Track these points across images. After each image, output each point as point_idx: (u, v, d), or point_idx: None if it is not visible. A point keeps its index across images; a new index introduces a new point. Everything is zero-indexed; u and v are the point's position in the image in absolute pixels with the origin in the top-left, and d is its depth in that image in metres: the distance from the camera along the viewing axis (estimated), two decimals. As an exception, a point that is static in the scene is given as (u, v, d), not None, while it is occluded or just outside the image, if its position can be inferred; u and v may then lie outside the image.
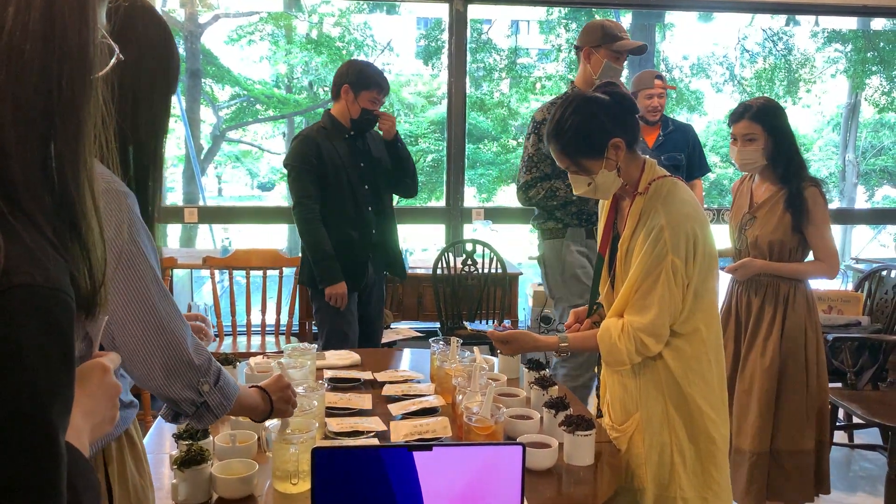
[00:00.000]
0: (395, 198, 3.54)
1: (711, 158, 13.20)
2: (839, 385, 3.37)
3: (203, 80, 10.84)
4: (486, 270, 4.17)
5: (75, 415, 0.76)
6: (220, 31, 11.15)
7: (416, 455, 1.29)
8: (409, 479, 1.29)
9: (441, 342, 2.37)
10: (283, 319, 4.11)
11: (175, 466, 1.60)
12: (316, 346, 2.37)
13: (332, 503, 1.28)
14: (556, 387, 2.21)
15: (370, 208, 3.33)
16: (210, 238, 9.13)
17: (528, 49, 14.04)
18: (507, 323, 3.96)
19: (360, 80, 3.23)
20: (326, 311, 3.33)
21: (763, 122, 2.67)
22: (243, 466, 1.68)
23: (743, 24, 11.88)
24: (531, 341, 2.04)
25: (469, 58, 12.30)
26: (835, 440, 3.30)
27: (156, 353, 1.19)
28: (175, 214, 4.76)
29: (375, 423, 2.02)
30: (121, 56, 0.86)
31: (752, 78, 12.18)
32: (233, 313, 3.97)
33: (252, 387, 1.52)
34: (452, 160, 4.63)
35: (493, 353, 2.58)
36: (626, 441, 1.94)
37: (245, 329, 3.99)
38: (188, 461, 1.60)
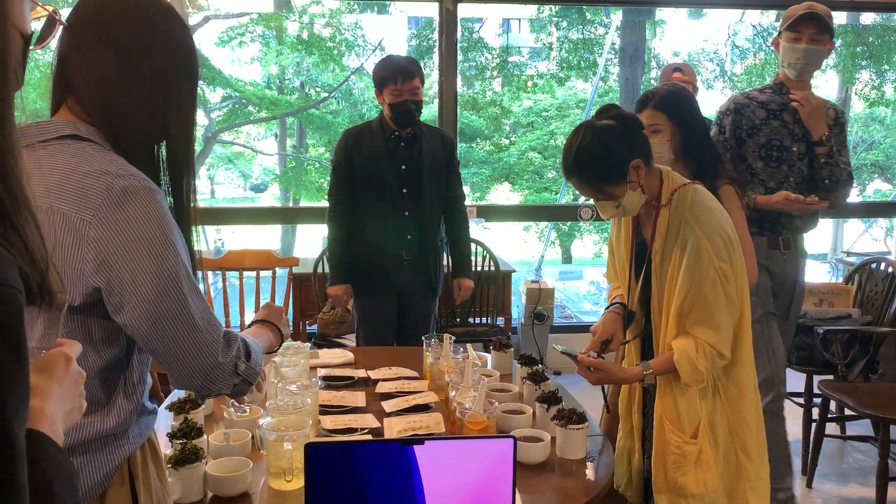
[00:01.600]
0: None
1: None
2: (830, 377, 3.39)
3: (195, 82, 10.82)
4: (478, 268, 4.17)
5: (49, 405, 0.78)
6: (210, 33, 11.13)
7: (409, 449, 1.30)
8: (401, 474, 1.30)
9: (434, 339, 2.38)
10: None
11: (169, 465, 1.60)
12: (309, 345, 2.38)
13: (326, 499, 1.29)
14: (549, 381, 2.22)
15: (407, 213, 3.21)
16: (203, 239, 9.13)
17: (519, 47, 14.06)
18: (595, 353, 3.90)
19: (378, 79, 3.14)
20: (361, 313, 3.35)
21: (668, 111, 2.35)
22: (237, 464, 1.69)
23: (733, 20, 11.93)
24: (618, 373, 2.01)
25: (461, 57, 12.35)
26: (827, 432, 3.33)
27: (193, 354, 1.18)
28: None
29: (369, 420, 2.03)
30: (63, 22, 0.86)
31: (743, 74, 12.23)
32: (226, 314, 3.97)
33: (255, 325, 1.56)
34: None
35: (486, 350, 2.59)
36: (697, 451, 1.93)
37: (239, 329, 3.99)
38: (182, 460, 1.61)
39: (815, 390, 3.36)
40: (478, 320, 4.23)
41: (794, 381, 3.71)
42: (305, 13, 11.34)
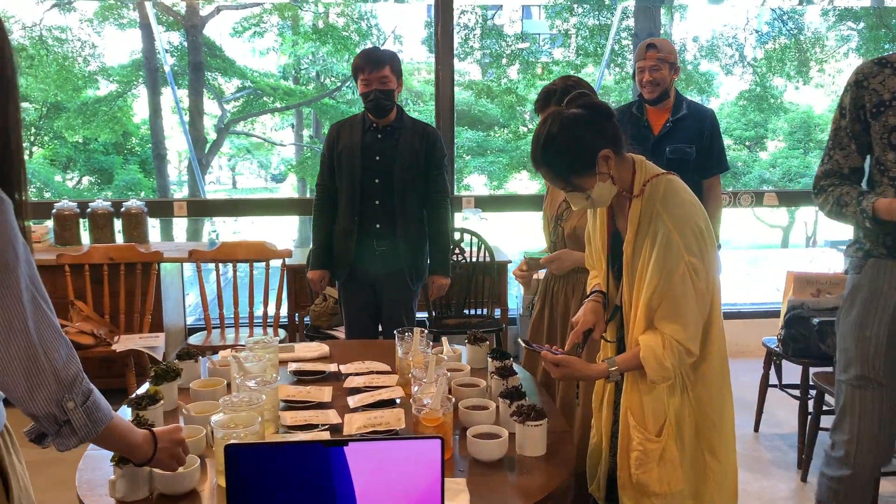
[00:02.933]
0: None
1: (725, 141, 13.06)
2: (829, 369, 3.30)
3: (209, 73, 10.87)
4: (473, 259, 4.13)
5: None
6: (223, 23, 11.17)
7: (337, 451, 1.27)
8: (329, 475, 1.27)
9: (407, 333, 2.34)
10: (283, 311, 4.12)
11: (113, 462, 1.59)
12: (279, 338, 2.36)
13: (247, 500, 1.26)
14: (517, 376, 2.18)
15: (377, 202, 3.24)
16: (212, 231, 9.22)
17: (535, 35, 13.93)
18: (580, 345, 3.84)
19: (353, 70, 3.21)
20: (342, 301, 3.45)
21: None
22: (186, 461, 1.67)
23: (754, 4, 11.70)
24: (583, 369, 1.96)
25: (476, 45, 12.23)
26: (823, 425, 3.25)
27: (19, 360, 1.17)
28: (166, 209, 4.76)
29: (331, 417, 2.00)
30: None
31: (763, 59, 12.00)
32: (220, 306, 3.97)
33: (144, 428, 1.49)
34: (441, 148, 4.59)
35: (475, 343, 2.53)
36: (661, 449, 1.89)
37: (233, 322, 3.99)
38: (125, 458, 1.59)
39: (811, 382, 3.28)
40: (473, 311, 4.19)
41: (790, 372, 3.63)
42: (319, 2, 11.32)
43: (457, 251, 4.13)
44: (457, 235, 4.17)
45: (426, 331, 2.34)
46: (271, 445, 1.30)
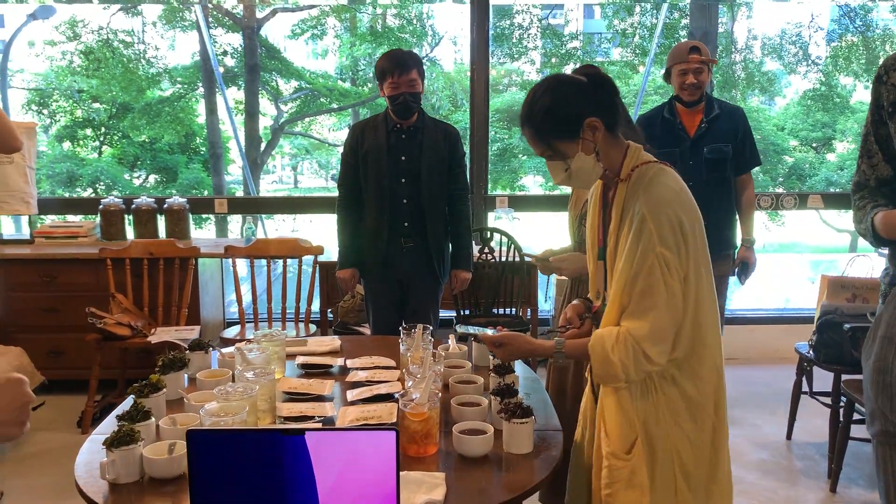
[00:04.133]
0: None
1: (790, 143, 12.67)
2: (860, 377, 3.19)
3: (267, 74, 11.12)
4: (502, 259, 4.13)
5: None
6: (280, 26, 11.40)
7: (297, 440, 1.30)
8: (285, 463, 1.30)
9: (412, 330, 2.37)
10: (314, 307, 4.20)
11: (105, 446, 1.67)
12: (286, 333, 2.42)
13: (209, 486, 1.31)
14: (514, 374, 2.19)
15: (405, 201, 3.31)
16: (262, 229, 9.41)
17: (594, 34, 13.79)
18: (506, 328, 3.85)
19: (378, 73, 3.26)
20: (369, 297, 3.49)
21: None
22: (175, 447, 1.73)
23: (820, 0, 11.34)
24: (526, 345, 1.89)
25: (531, 45, 12.18)
26: (854, 435, 3.14)
27: None
28: (207, 206, 4.91)
29: (327, 409, 2.05)
30: None
31: (829, 57, 11.61)
32: (254, 300, 4.08)
33: None
34: (475, 148, 4.61)
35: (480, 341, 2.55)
36: (629, 471, 1.71)
37: (266, 316, 4.09)
38: (118, 441, 1.67)
39: (842, 390, 3.18)
40: (502, 311, 4.19)
41: (822, 379, 3.52)
42: (377, 4, 11.45)
43: (486, 250, 4.14)
44: (486, 235, 4.18)
45: (430, 328, 2.36)
46: (232, 432, 1.35)
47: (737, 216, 3.64)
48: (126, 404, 1.98)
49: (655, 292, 1.62)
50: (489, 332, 1.97)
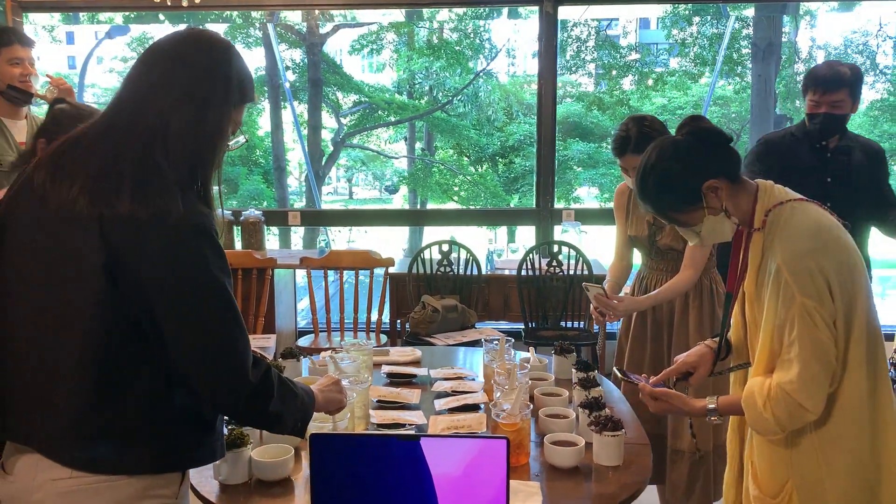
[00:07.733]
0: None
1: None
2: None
3: (328, 88, 11.36)
4: (570, 272, 4.17)
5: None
6: (343, 41, 11.63)
7: (415, 445, 1.37)
8: (399, 466, 1.38)
9: (495, 342, 2.43)
10: (386, 318, 4.30)
11: (218, 448, 1.76)
12: (372, 343, 2.50)
13: (329, 487, 1.39)
14: (600, 388, 2.23)
15: None
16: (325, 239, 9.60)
17: (651, 45, 13.73)
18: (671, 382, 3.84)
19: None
20: None
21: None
22: (280, 451, 1.82)
23: (887, 8, 11.10)
24: (680, 405, 1.79)
25: (588, 57, 12.17)
26: None
27: None
28: (281, 218, 5.06)
29: (418, 417, 2.12)
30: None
31: (896, 66, 11.35)
32: (327, 310, 4.19)
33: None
34: (542, 161, 4.65)
35: (561, 354, 2.59)
36: None
37: (338, 326, 4.19)
38: (228, 443, 1.76)
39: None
40: (570, 324, 4.22)
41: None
42: (434, 19, 11.60)
43: (554, 263, 4.18)
44: (554, 248, 4.22)
45: (512, 339, 2.42)
46: (352, 436, 1.43)
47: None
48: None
49: (804, 345, 1.55)
50: (642, 380, 1.89)
